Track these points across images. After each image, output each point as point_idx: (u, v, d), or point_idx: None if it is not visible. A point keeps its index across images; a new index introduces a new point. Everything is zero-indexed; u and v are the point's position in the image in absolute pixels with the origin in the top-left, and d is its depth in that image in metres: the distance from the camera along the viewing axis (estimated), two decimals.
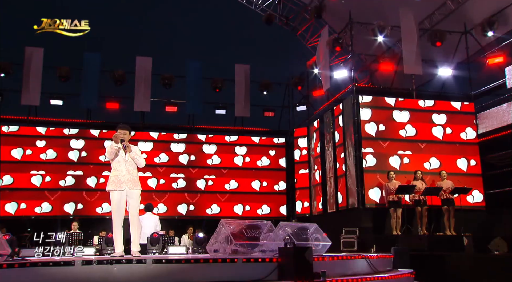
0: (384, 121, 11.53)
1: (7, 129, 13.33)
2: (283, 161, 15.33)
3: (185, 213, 14.08)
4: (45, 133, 13.61)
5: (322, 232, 6.30)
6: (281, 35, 16.00)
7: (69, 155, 13.60)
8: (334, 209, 12.52)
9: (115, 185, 5.74)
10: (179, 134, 14.64)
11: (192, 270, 4.79)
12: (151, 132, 14.40)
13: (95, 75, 13.87)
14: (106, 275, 4.52)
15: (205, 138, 14.82)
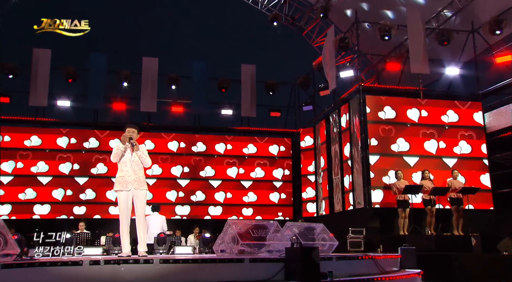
0: (391, 121, 11.49)
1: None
2: (288, 162, 15.29)
3: (188, 213, 14.09)
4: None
5: (328, 232, 6.29)
6: (287, 35, 16.00)
7: None
8: (340, 209, 12.49)
9: (121, 185, 5.76)
10: (185, 134, 14.67)
11: (199, 270, 4.80)
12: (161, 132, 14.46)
13: (101, 75, 13.93)
14: (114, 275, 4.54)
15: (211, 138, 14.83)
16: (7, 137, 13.31)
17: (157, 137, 14.35)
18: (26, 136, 13.41)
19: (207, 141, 14.67)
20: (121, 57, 15.41)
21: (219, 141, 14.77)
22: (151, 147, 13.94)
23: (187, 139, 14.56)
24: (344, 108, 12.60)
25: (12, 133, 13.36)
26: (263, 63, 15.96)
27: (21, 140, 13.35)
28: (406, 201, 9.96)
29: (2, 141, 13.14)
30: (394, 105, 11.62)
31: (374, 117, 11.41)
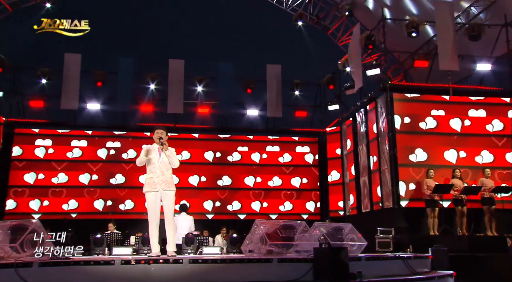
0: (419, 118, 11.27)
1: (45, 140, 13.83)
2: (315, 160, 15.21)
3: (211, 209, 14.20)
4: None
5: (357, 232, 6.23)
6: (312, 34, 15.89)
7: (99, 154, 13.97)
8: (368, 209, 12.34)
9: (149, 186, 5.88)
10: (214, 134, 14.81)
11: (227, 270, 4.83)
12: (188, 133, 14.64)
13: (129, 78, 14.19)
14: (144, 275, 4.62)
15: (237, 138, 14.94)
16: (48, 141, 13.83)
17: (186, 139, 14.52)
18: (65, 140, 13.87)
19: (232, 142, 14.82)
20: (148, 59, 15.66)
21: (244, 143, 14.88)
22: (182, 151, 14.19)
23: (213, 142, 14.72)
24: (371, 107, 12.44)
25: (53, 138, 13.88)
26: (288, 63, 15.91)
27: (61, 144, 13.85)
28: (435, 200, 9.75)
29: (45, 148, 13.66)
30: (422, 103, 11.40)
31: (401, 114, 11.24)
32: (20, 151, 13.59)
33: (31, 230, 4.72)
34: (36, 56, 14.63)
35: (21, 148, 13.60)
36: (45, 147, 13.70)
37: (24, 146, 13.64)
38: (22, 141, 13.68)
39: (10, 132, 13.60)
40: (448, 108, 11.43)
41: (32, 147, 13.67)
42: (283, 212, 14.47)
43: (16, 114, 14.12)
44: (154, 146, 6.05)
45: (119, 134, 14.22)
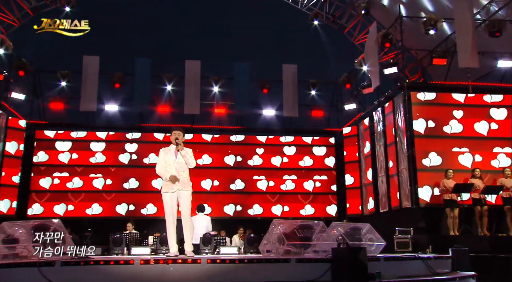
0: (438, 118, 11.12)
1: (75, 134, 14.10)
2: (332, 161, 15.14)
3: (232, 214, 14.22)
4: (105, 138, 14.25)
5: (375, 232, 6.17)
6: (328, 33, 15.81)
7: (121, 158, 14.15)
8: (386, 209, 12.21)
9: (166, 187, 5.93)
10: (232, 135, 14.85)
11: (245, 270, 4.84)
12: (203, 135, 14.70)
13: (146, 80, 14.33)
14: (163, 274, 4.67)
15: (254, 139, 14.94)
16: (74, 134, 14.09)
17: (203, 143, 14.60)
18: (85, 144, 14.10)
19: (249, 146, 14.84)
20: (164, 60, 15.79)
21: (260, 146, 14.87)
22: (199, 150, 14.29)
23: (230, 146, 14.76)
24: (388, 106, 12.31)
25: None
26: (305, 63, 15.86)
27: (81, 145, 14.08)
28: (454, 200, 9.60)
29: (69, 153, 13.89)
30: (440, 101, 11.24)
31: (420, 114, 11.09)
32: (43, 155, 13.80)
33: (53, 230, 4.81)
34: (55, 59, 14.89)
35: (43, 153, 13.81)
36: (69, 152, 13.90)
37: (46, 151, 13.84)
38: (43, 145, 13.90)
39: (31, 134, 13.86)
40: (467, 109, 11.25)
41: (55, 152, 13.87)
42: (304, 216, 14.41)
43: (37, 116, 14.42)
44: (171, 147, 6.10)
45: (137, 138, 14.31)
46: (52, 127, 14.22)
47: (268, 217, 14.02)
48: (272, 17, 18.38)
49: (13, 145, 13.16)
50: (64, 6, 13.50)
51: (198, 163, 12.87)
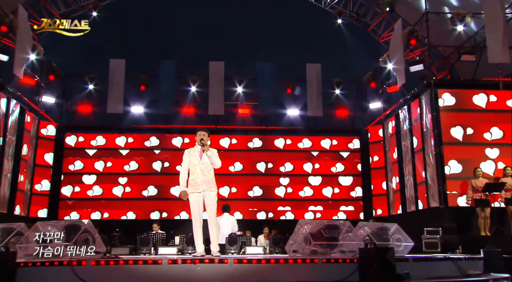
0: (466, 116, 10.87)
1: (95, 143, 14.37)
2: (358, 163, 14.98)
3: (265, 218, 14.23)
4: (125, 145, 14.43)
5: (403, 232, 6.08)
6: (352, 31, 15.64)
7: (153, 166, 14.34)
8: (413, 209, 12.01)
9: (192, 188, 5.98)
10: (254, 140, 14.87)
11: (272, 270, 4.84)
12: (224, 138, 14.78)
13: (171, 81, 14.51)
14: (190, 274, 4.72)
15: (283, 144, 14.87)
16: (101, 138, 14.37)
17: (237, 150, 14.70)
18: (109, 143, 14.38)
19: (271, 140, 14.84)
20: (189, 62, 15.93)
21: (286, 139, 14.86)
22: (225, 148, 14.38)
23: (256, 140, 14.81)
24: (414, 104, 12.10)
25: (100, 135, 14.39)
26: (328, 62, 15.74)
27: (108, 145, 14.36)
28: (485, 200, 9.34)
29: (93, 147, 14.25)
30: (468, 98, 10.98)
31: (448, 111, 10.86)
32: (72, 162, 14.12)
33: (83, 230, 4.92)
34: (83, 63, 15.24)
35: (73, 160, 14.13)
36: (104, 160, 14.20)
37: (75, 159, 14.16)
38: (72, 153, 14.19)
39: (61, 137, 14.23)
40: (497, 102, 10.95)
41: (84, 160, 14.18)
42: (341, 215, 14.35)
43: (66, 119, 14.79)
44: (196, 147, 6.15)
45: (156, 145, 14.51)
46: (81, 129, 14.56)
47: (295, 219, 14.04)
48: (295, 17, 18.30)
49: (44, 152, 13.56)
50: (92, 11, 13.81)
51: (230, 170, 12.97)
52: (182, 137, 14.50)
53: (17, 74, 11.76)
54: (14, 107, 11.91)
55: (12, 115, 11.74)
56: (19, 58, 11.79)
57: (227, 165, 14.16)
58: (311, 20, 17.00)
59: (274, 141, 14.83)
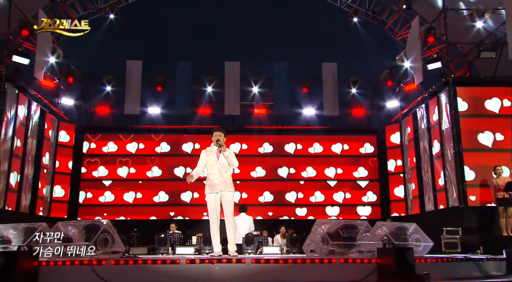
0: (484, 113, 10.68)
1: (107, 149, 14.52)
2: (375, 159, 14.87)
3: (273, 213, 14.23)
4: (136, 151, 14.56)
5: (422, 232, 6.00)
6: (368, 30, 15.49)
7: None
8: (432, 208, 11.84)
9: (210, 188, 6.02)
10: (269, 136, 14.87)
11: (290, 270, 4.84)
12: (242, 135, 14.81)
13: (187, 82, 14.59)
14: (209, 274, 4.74)
15: (293, 149, 14.84)
16: (112, 144, 14.52)
17: (246, 140, 14.73)
18: (122, 144, 14.53)
19: (287, 141, 14.82)
20: (204, 62, 16.00)
21: (303, 141, 14.82)
22: (241, 149, 14.39)
23: (273, 140, 14.83)
24: (432, 102, 11.94)
25: (114, 140, 14.54)
26: (344, 61, 15.63)
27: (122, 147, 14.53)
28: (508, 199, 9.15)
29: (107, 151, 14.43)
30: (487, 96, 10.78)
31: (466, 109, 10.70)
32: (92, 168, 14.27)
33: (103, 230, 4.99)
34: (101, 64, 15.44)
35: (92, 166, 14.30)
36: (127, 165, 14.32)
37: (95, 165, 14.32)
38: (91, 159, 14.38)
39: (80, 138, 14.44)
40: None
41: (112, 162, 14.35)
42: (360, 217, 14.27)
43: (85, 120, 15.01)
44: (212, 148, 6.17)
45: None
46: (99, 130, 14.77)
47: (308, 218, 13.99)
48: (311, 16, 18.23)
49: (63, 158, 13.79)
50: (109, 14, 13.99)
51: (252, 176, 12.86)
52: (193, 143, 14.58)
53: (37, 77, 12.00)
54: (35, 109, 12.16)
55: (33, 117, 11.99)
56: (40, 61, 12.04)
57: (246, 169, 14.25)
58: (327, 19, 16.92)
59: (286, 147, 14.78)
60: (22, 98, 11.38)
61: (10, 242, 4.92)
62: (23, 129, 11.44)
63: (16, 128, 10.94)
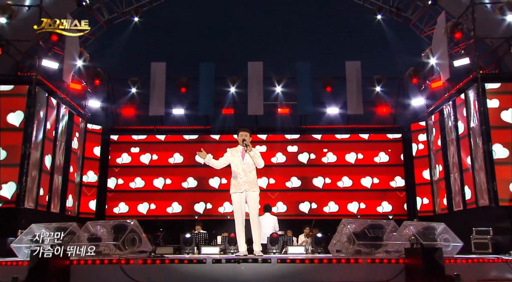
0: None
1: (137, 137, 14.87)
2: (401, 159, 14.64)
3: (308, 212, 14.18)
4: (165, 139, 14.84)
5: (451, 232, 5.87)
6: (392, 27, 15.27)
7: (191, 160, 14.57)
8: (461, 208, 11.57)
9: (235, 188, 6.04)
10: (292, 135, 14.84)
11: (316, 270, 4.82)
12: (263, 135, 14.82)
13: (210, 83, 14.69)
14: (234, 273, 4.76)
15: (321, 137, 14.82)
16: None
17: (273, 140, 14.78)
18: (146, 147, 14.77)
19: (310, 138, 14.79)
20: (227, 63, 16.10)
21: (327, 139, 14.78)
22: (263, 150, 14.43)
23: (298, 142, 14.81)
24: (460, 99, 11.67)
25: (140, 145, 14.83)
26: (368, 59, 15.45)
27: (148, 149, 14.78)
28: None
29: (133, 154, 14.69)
30: None
31: (495, 106, 10.41)
32: (117, 158, 14.63)
33: (130, 230, 5.08)
34: (126, 67, 15.71)
35: (118, 156, 14.64)
36: (150, 153, 14.62)
37: (119, 153, 14.68)
38: (117, 148, 14.73)
39: (106, 139, 14.74)
40: None
41: (135, 154, 14.64)
42: (381, 213, 14.11)
43: (111, 122, 15.31)
44: (238, 147, 6.19)
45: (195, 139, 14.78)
46: (125, 132, 15.05)
47: (348, 214, 13.93)
48: (334, 14, 18.11)
49: (91, 149, 14.14)
50: (133, 17, 14.23)
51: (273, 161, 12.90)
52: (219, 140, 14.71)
53: (65, 80, 12.32)
54: (64, 112, 12.47)
55: (62, 120, 12.30)
56: (68, 65, 12.35)
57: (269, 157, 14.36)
58: (350, 17, 16.78)
59: (312, 136, 14.85)
60: (52, 101, 11.69)
61: (44, 241, 5.07)
62: (53, 131, 11.75)
63: (47, 130, 11.26)
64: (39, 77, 10.93)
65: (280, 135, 14.86)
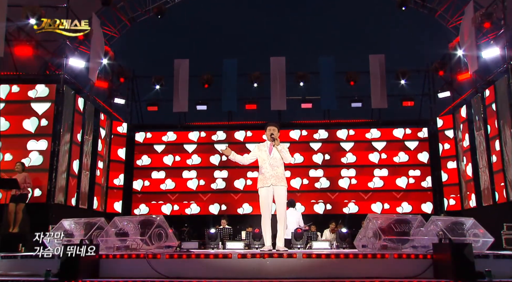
0: None
1: (166, 138, 14.98)
2: (427, 154, 14.36)
3: (323, 212, 14.09)
4: (196, 140, 14.90)
5: (481, 227, 5.72)
6: (417, 18, 14.97)
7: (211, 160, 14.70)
8: (490, 203, 11.29)
9: (262, 182, 6.02)
10: (319, 132, 14.74)
11: (341, 265, 4.77)
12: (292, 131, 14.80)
13: (233, 79, 14.74)
14: (260, 268, 4.76)
15: (346, 136, 14.67)
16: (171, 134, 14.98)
17: (294, 136, 14.72)
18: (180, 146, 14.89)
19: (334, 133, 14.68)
20: (250, 59, 16.11)
21: (351, 134, 14.64)
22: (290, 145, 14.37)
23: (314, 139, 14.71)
24: (489, 91, 11.35)
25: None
26: (393, 51, 15.22)
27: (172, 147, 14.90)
28: None
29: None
30: None
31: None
32: (144, 158, 14.78)
33: (157, 225, 5.15)
34: (150, 64, 15.94)
35: (144, 156, 14.79)
36: (173, 154, 14.75)
37: (145, 154, 14.82)
38: (142, 149, 14.88)
39: (131, 136, 14.97)
40: None
41: (153, 155, 14.80)
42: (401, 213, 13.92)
43: (136, 119, 15.56)
44: (265, 143, 6.19)
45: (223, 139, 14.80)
46: (149, 128, 15.23)
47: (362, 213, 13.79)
48: (357, 8, 17.88)
49: (117, 148, 14.38)
50: (157, 15, 14.40)
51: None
52: (245, 131, 14.76)
53: (91, 78, 12.56)
54: (90, 109, 12.73)
55: (88, 117, 12.56)
56: (94, 64, 12.59)
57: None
58: (374, 10, 16.54)
59: (337, 133, 14.67)
60: (78, 99, 11.94)
61: (73, 235, 5.19)
62: (80, 128, 12.00)
63: (74, 128, 11.52)
64: (66, 76, 11.19)
65: (304, 131, 14.79)
